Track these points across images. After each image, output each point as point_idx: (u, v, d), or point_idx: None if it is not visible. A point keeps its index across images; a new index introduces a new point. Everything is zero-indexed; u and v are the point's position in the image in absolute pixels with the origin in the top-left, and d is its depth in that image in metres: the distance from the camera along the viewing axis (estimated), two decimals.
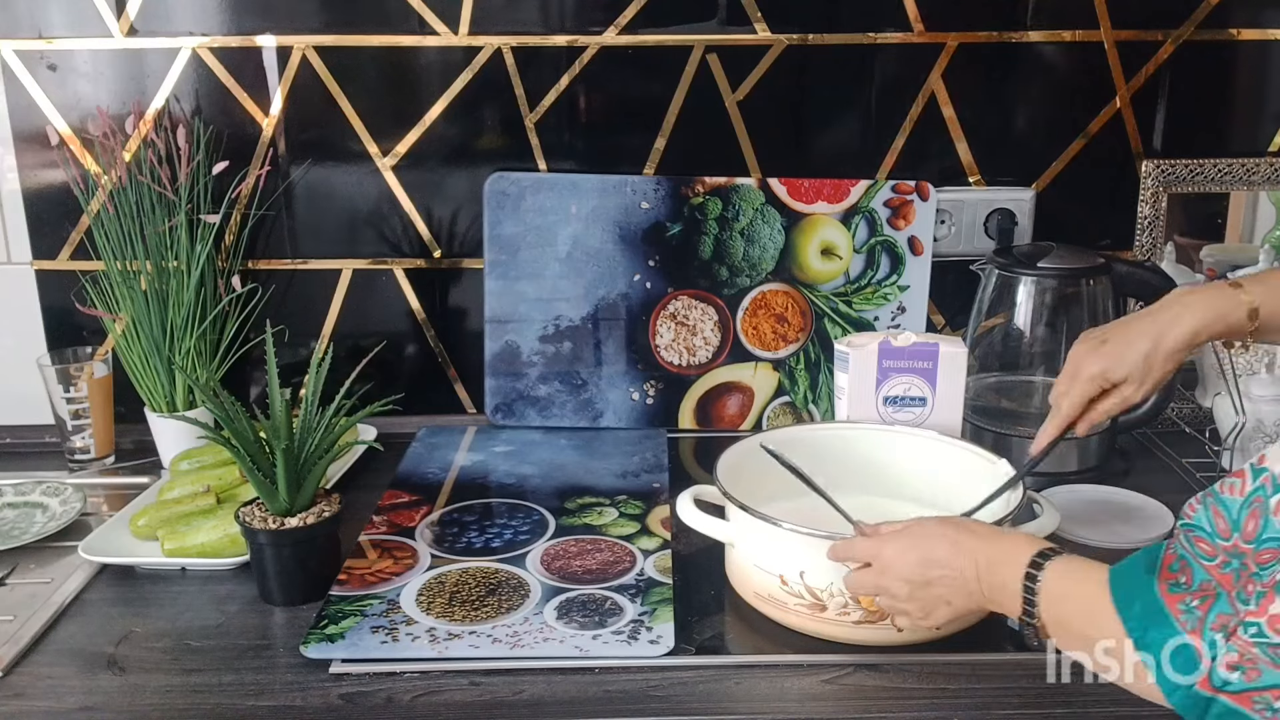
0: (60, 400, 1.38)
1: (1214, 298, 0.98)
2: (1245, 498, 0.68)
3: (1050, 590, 0.79)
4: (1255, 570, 0.66)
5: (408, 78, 1.43)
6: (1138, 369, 1.00)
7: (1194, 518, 0.71)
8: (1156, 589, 0.70)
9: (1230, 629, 0.66)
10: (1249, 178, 1.45)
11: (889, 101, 1.44)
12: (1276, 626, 0.64)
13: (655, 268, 1.45)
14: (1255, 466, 0.68)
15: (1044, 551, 0.81)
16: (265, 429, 1.07)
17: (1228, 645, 0.65)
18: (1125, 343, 1.01)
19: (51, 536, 1.21)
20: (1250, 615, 0.65)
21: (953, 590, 0.87)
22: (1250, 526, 0.67)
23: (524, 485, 1.32)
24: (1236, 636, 0.65)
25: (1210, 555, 0.69)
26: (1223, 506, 0.69)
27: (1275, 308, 0.97)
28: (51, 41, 1.40)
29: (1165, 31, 1.42)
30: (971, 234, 1.47)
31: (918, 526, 0.91)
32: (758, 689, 0.95)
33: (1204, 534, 0.69)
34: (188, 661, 0.99)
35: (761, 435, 1.17)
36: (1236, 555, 0.67)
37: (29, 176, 1.44)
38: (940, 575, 0.87)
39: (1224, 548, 0.68)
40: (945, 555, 0.87)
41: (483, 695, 0.94)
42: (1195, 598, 0.69)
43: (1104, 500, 1.26)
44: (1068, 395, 1.05)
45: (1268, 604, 0.64)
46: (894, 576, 0.90)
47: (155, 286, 1.35)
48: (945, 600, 0.88)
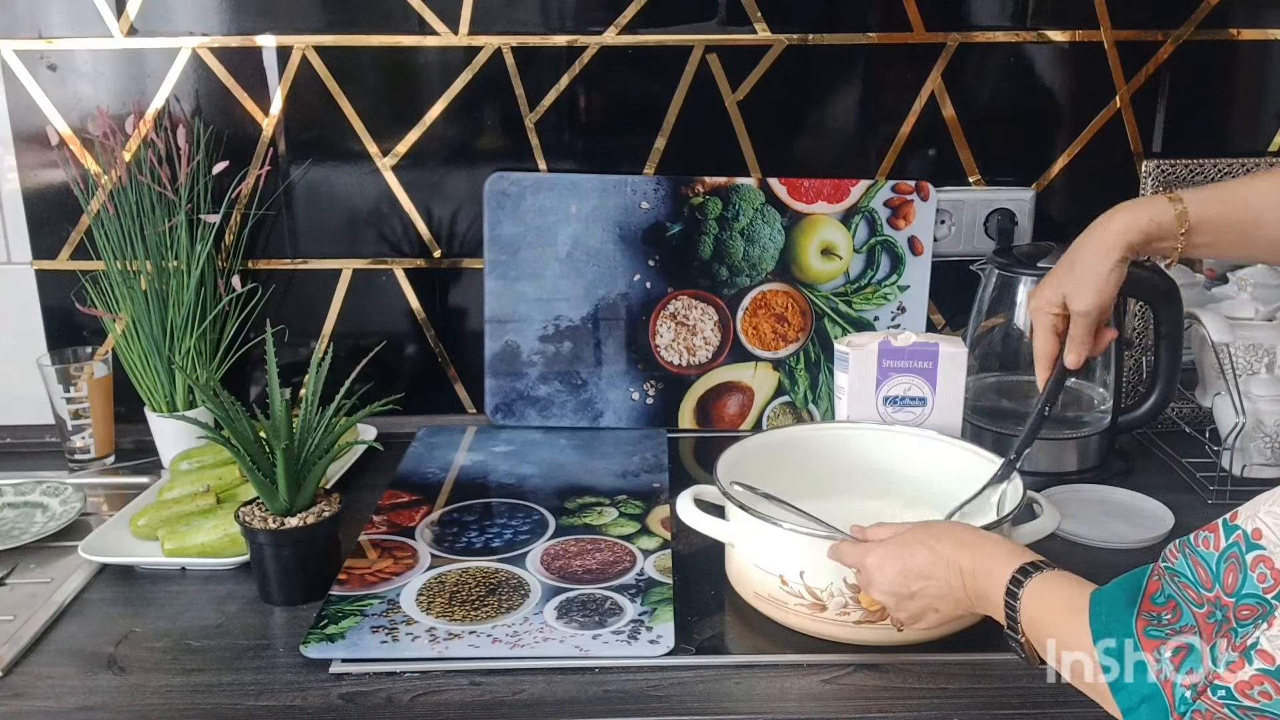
0: (60, 400, 1.38)
1: (1146, 203, 1.00)
2: (1221, 552, 0.67)
3: (1028, 611, 0.79)
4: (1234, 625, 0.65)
5: (408, 78, 1.43)
6: (1081, 278, 1.02)
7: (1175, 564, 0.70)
8: (1134, 628, 0.69)
9: (1199, 689, 0.65)
10: None
11: (889, 101, 1.44)
12: (1245, 692, 0.63)
13: (655, 268, 1.45)
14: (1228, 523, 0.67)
15: (1024, 568, 0.80)
16: (265, 429, 1.07)
17: (1196, 703, 0.65)
18: (1066, 260, 1.04)
19: (51, 536, 1.21)
20: (1218, 679, 0.64)
21: (938, 598, 0.88)
22: (1230, 580, 0.66)
23: (524, 485, 1.32)
24: (1206, 697, 0.65)
25: (1197, 603, 0.68)
26: (1200, 558, 0.68)
27: (1204, 214, 0.97)
28: (51, 41, 1.40)
29: (1165, 31, 1.42)
30: (971, 234, 1.47)
31: (903, 536, 0.91)
32: (758, 689, 0.95)
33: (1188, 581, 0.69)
34: (188, 661, 0.99)
35: (768, 438, 1.17)
36: (1219, 607, 0.66)
37: (29, 176, 1.44)
38: (922, 586, 0.88)
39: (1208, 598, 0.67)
40: (925, 565, 0.87)
41: (483, 695, 0.94)
42: (1170, 647, 0.67)
43: (1104, 500, 1.26)
44: (1036, 332, 1.07)
45: (1238, 669, 0.63)
46: (878, 588, 0.90)
47: (155, 286, 1.35)
48: (932, 608, 0.89)
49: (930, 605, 0.88)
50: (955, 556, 0.86)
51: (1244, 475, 1.27)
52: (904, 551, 0.89)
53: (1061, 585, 0.78)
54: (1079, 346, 1.05)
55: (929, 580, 0.87)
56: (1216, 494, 1.25)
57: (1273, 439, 1.28)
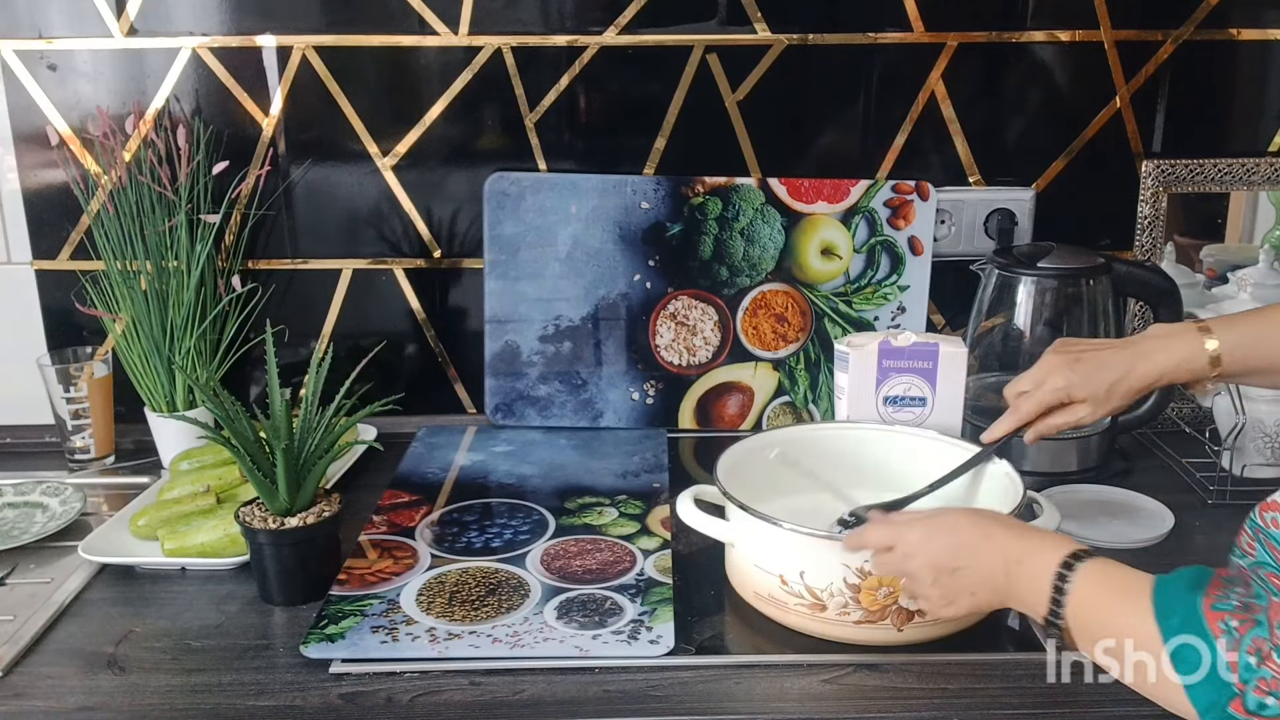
0: (60, 400, 1.38)
1: (1182, 343, 1.01)
2: None
3: (1080, 593, 0.79)
4: None
5: (408, 78, 1.43)
6: (1100, 394, 1.03)
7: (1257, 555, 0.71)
8: (1200, 604, 0.70)
9: (1264, 653, 0.65)
10: (1249, 178, 1.45)
11: (889, 101, 1.44)
12: None
13: (655, 268, 1.45)
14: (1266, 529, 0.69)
15: (1077, 553, 0.80)
16: (265, 429, 1.07)
17: (1261, 669, 0.65)
18: (1097, 366, 1.04)
19: (51, 536, 1.21)
20: None
21: (978, 582, 0.86)
22: None
23: (524, 485, 1.32)
24: (1271, 661, 0.65)
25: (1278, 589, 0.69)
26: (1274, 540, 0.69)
27: (1236, 356, 0.99)
28: (51, 41, 1.40)
29: (1165, 31, 1.42)
30: (971, 234, 1.47)
31: (947, 514, 0.90)
32: (758, 689, 0.95)
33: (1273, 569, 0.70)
34: (188, 661, 0.99)
35: (768, 438, 1.17)
36: None
37: (29, 176, 1.44)
38: (968, 565, 0.86)
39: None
40: (974, 544, 0.86)
41: (483, 695, 0.94)
42: (1235, 618, 0.68)
43: (1104, 500, 1.26)
44: (1031, 398, 1.07)
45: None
46: (920, 562, 0.88)
47: (155, 286, 1.35)
48: (969, 590, 0.87)
49: (968, 587, 0.87)
50: (1006, 543, 0.85)
51: (1244, 475, 1.27)
52: (955, 529, 0.88)
53: (1119, 570, 0.79)
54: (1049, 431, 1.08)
55: (975, 561, 0.86)
56: (1216, 494, 1.25)
57: (1272, 439, 1.28)
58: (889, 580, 0.94)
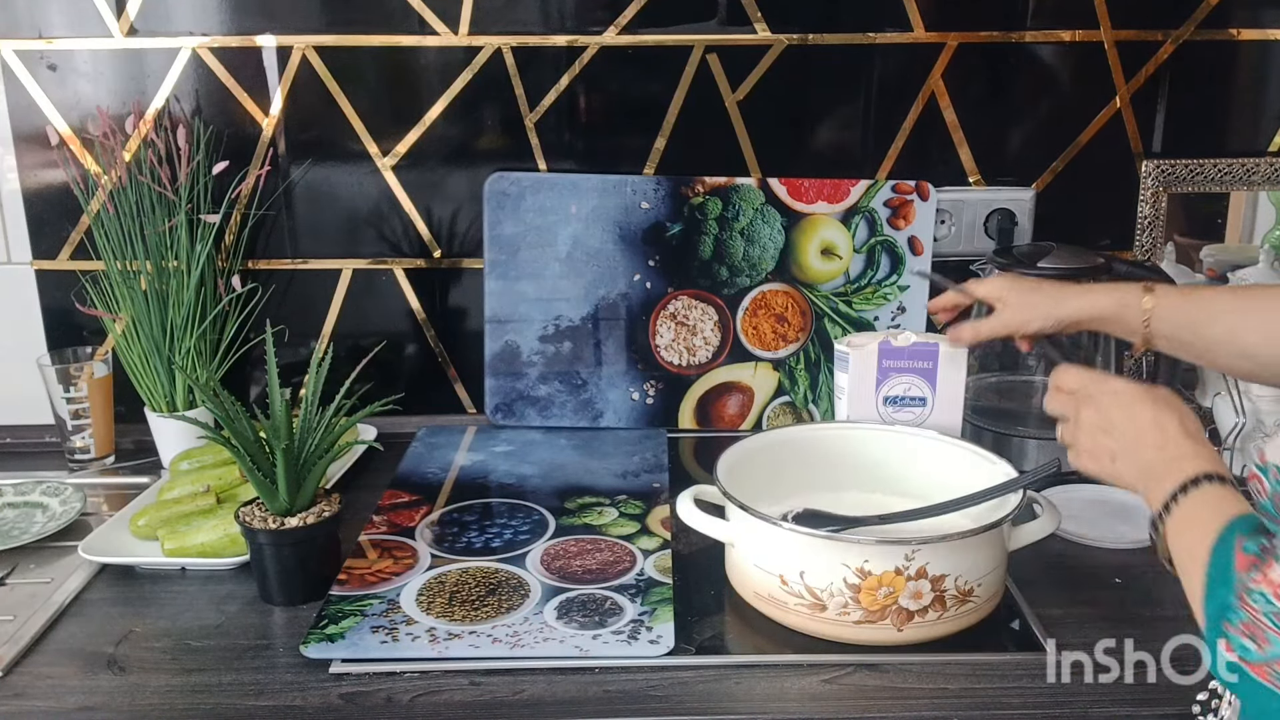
0: (60, 400, 1.38)
1: (1124, 292, 1.03)
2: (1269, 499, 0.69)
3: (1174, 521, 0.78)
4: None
5: (408, 78, 1.43)
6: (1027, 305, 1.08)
7: None
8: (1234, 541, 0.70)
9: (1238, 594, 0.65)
10: (1249, 178, 1.45)
11: (889, 102, 1.44)
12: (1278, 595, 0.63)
13: (655, 268, 1.45)
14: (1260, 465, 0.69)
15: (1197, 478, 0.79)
16: (265, 429, 1.07)
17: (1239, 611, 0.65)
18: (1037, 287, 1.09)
19: (51, 536, 1.21)
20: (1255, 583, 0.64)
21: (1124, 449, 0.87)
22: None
23: (524, 485, 1.32)
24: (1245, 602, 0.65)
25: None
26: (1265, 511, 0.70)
27: (1166, 319, 0.99)
28: (51, 41, 1.40)
29: (1165, 31, 1.42)
30: (971, 234, 1.47)
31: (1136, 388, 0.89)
32: (758, 689, 0.95)
33: None
34: (188, 661, 0.99)
35: (769, 437, 1.17)
36: None
37: (29, 176, 1.44)
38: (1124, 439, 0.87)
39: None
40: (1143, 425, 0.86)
41: (483, 695, 0.94)
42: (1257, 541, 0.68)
43: (1104, 500, 1.26)
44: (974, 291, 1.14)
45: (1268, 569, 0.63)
46: (1091, 413, 0.90)
47: (155, 286, 1.35)
48: (1112, 455, 0.88)
49: (1115, 453, 0.88)
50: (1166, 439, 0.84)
51: (1244, 475, 1.27)
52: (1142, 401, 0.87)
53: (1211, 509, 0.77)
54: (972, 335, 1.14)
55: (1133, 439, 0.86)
56: None
57: (1272, 439, 1.28)
58: (888, 580, 0.95)
